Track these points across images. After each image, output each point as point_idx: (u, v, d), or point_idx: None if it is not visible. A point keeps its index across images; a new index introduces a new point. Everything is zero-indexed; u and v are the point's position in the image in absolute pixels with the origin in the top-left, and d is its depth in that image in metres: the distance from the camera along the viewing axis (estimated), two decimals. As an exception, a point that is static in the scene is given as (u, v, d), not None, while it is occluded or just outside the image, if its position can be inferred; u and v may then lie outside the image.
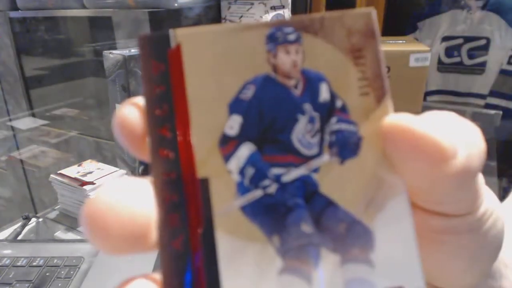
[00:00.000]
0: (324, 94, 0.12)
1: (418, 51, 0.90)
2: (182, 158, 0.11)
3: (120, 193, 0.10)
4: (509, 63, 1.33)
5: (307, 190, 0.11)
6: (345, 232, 0.11)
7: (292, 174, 0.11)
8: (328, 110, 0.12)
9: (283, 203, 0.11)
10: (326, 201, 0.11)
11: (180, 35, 0.11)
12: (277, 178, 0.11)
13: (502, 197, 0.32)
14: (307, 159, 0.11)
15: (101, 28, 1.05)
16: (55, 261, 0.48)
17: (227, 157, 0.11)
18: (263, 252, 0.11)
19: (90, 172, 0.64)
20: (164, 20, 0.95)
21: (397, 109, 0.19)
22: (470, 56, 1.39)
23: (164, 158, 0.11)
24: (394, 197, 0.11)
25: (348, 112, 0.12)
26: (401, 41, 1.00)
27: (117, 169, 0.65)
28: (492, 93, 1.36)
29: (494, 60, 1.35)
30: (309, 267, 0.11)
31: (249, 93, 0.11)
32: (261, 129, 0.11)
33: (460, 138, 0.11)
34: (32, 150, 1.32)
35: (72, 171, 0.65)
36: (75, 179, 0.62)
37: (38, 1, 1.07)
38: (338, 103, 0.12)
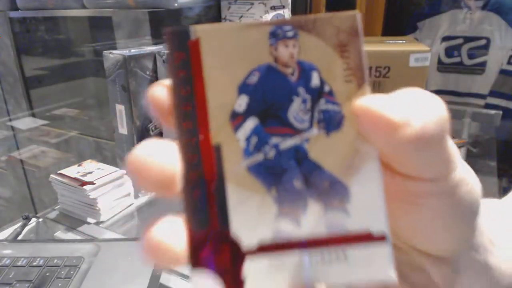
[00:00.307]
0: (315, 81, 0.14)
1: (418, 51, 0.90)
2: (200, 128, 0.14)
3: (155, 151, 0.14)
4: (509, 63, 1.33)
5: (299, 156, 0.14)
6: (327, 188, 0.14)
7: (287, 143, 0.14)
8: (318, 93, 0.14)
9: (279, 165, 0.14)
10: (313, 164, 0.14)
11: (198, 30, 0.14)
12: (275, 146, 0.14)
13: (502, 197, 0.32)
14: (300, 131, 0.14)
15: (101, 28, 1.05)
16: (55, 261, 0.48)
17: (236, 128, 0.14)
18: (263, 201, 0.14)
19: (90, 172, 0.64)
20: (164, 20, 0.95)
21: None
22: (470, 56, 1.39)
23: (186, 128, 0.14)
24: (368, 162, 0.14)
25: (334, 95, 0.14)
26: (401, 41, 1.00)
27: (117, 169, 0.65)
28: (492, 93, 1.36)
29: (494, 60, 1.35)
30: (298, 213, 0.14)
31: (254, 78, 0.14)
32: (264, 107, 0.14)
33: (417, 110, 0.14)
34: (32, 150, 1.32)
35: (72, 171, 0.65)
36: (75, 179, 0.62)
37: (38, 1, 1.07)
38: (326, 88, 0.14)
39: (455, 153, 0.15)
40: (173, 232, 0.14)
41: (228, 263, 0.14)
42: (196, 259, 0.14)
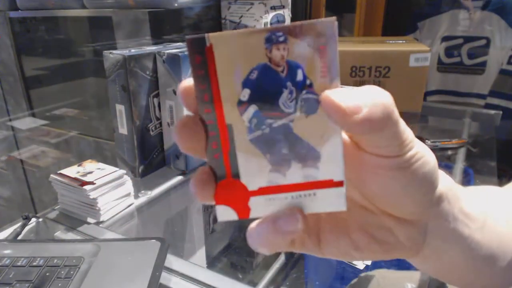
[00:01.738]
0: (299, 76, 0.18)
1: (418, 51, 0.90)
2: (217, 112, 0.19)
3: (190, 126, 0.19)
4: (509, 63, 1.33)
5: (286, 131, 0.19)
6: (305, 153, 0.19)
7: (278, 123, 0.19)
8: (301, 86, 0.19)
9: (272, 138, 0.19)
10: (296, 137, 0.19)
11: (211, 37, 0.18)
12: (269, 125, 0.19)
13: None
14: (287, 114, 0.19)
15: (101, 28, 1.05)
16: (55, 261, 0.48)
17: (241, 113, 0.19)
18: (261, 161, 0.20)
19: (90, 172, 0.64)
20: (164, 20, 0.95)
21: (397, 108, 0.19)
22: (470, 56, 1.39)
23: (207, 112, 0.19)
24: (333, 136, 0.19)
25: (313, 87, 0.18)
26: (401, 41, 1.00)
27: (117, 169, 0.65)
28: (492, 93, 1.36)
29: (494, 60, 1.35)
30: (285, 169, 0.20)
31: (254, 75, 0.18)
32: (261, 97, 0.19)
33: (367, 100, 0.17)
34: (32, 150, 1.32)
35: (72, 171, 0.65)
36: (75, 179, 0.62)
37: (38, 1, 1.07)
38: (308, 82, 0.18)
39: (407, 135, 0.19)
40: (206, 179, 0.20)
41: (240, 199, 0.20)
42: (219, 197, 0.20)
